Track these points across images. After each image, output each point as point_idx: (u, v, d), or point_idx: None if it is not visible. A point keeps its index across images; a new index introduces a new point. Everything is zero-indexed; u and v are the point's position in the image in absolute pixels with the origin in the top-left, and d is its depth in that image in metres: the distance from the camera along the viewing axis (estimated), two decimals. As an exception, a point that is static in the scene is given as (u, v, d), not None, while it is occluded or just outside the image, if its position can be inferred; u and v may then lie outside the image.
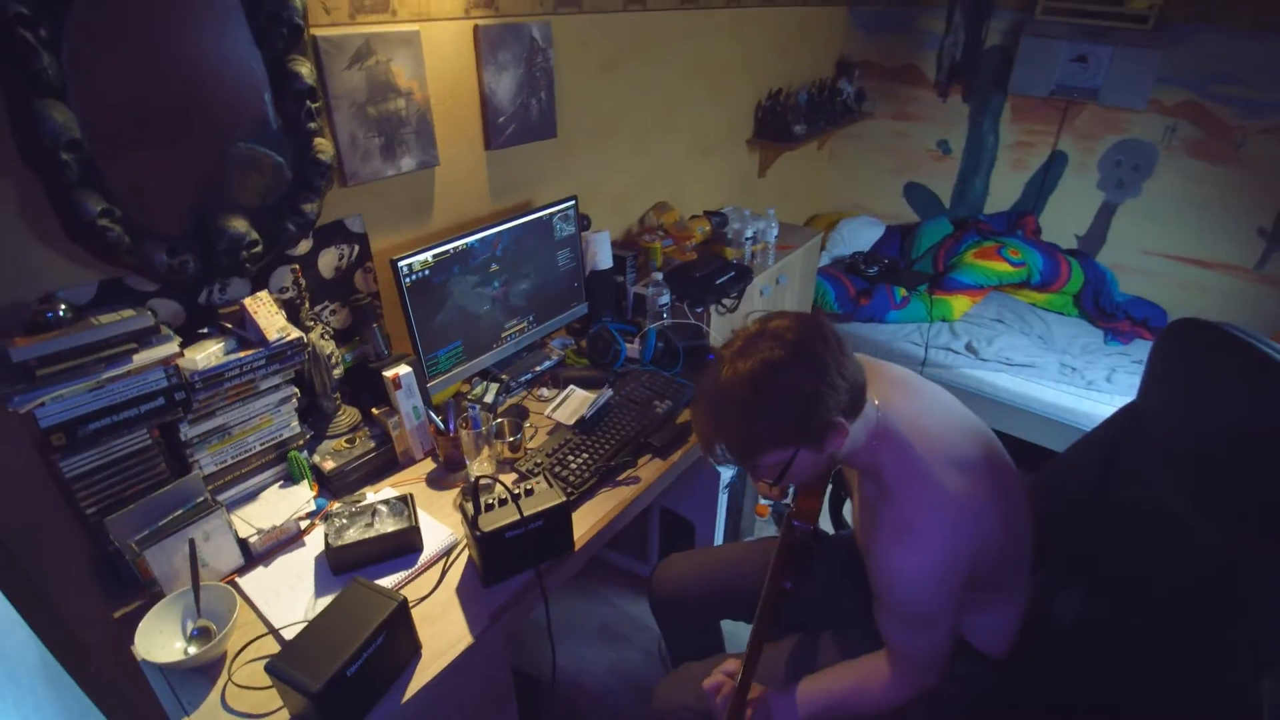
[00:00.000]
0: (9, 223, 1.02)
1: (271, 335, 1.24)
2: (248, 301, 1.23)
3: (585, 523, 1.34)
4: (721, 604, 1.46)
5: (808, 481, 1.23)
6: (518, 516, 1.17)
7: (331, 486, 1.38)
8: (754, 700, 1.13)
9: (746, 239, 2.27)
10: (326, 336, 1.41)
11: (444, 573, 1.22)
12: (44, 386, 0.99)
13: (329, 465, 1.38)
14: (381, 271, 1.57)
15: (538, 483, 1.25)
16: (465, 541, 1.27)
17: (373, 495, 1.38)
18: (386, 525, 1.24)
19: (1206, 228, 2.70)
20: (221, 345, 1.20)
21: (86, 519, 1.09)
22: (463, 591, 1.20)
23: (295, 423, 1.35)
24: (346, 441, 1.44)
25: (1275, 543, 0.95)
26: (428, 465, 1.50)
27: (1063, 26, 2.63)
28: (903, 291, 2.85)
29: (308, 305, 1.38)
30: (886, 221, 3.43)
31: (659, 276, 1.98)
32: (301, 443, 1.37)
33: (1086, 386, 2.46)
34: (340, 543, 1.18)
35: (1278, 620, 0.94)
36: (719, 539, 2.07)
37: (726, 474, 1.94)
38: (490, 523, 1.15)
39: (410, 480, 1.45)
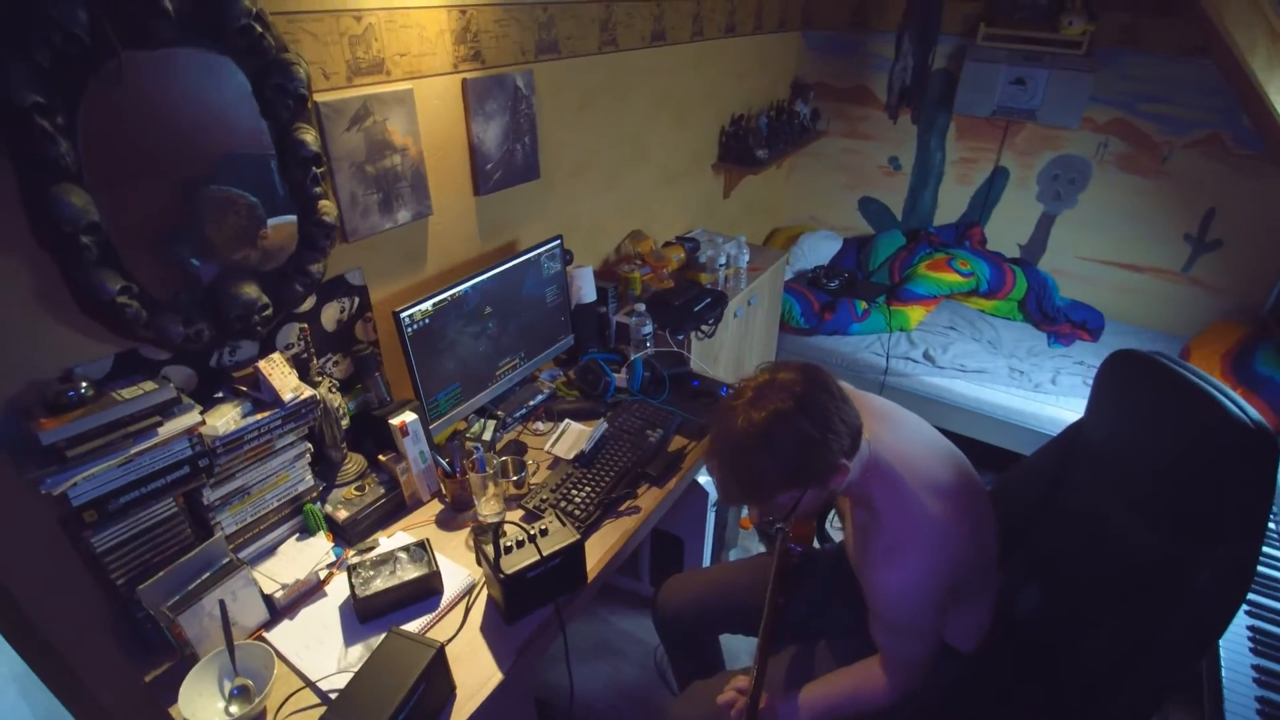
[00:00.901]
0: (25, 304, 1.05)
1: (286, 395, 1.28)
2: (262, 365, 1.27)
3: (594, 554, 1.42)
4: (722, 620, 1.56)
5: (807, 513, 1.34)
6: (538, 557, 1.25)
7: (346, 535, 1.42)
8: (762, 710, 1.23)
9: (720, 265, 2.37)
10: (333, 389, 1.45)
11: (466, 613, 1.29)
12: (76, 466, 1.02)
13: (342, 515, 1.42)
14: (381, 321, 1.61)
15: (550, 521, 1.32)
16: (483, 581, 1.34)
17: (386, 540, 1.43)
18: (408, 572, 1.29)
19: (1137, 235, 2.94)
20: (238, 409, 1.24)
21: (116, 589, 1.11)
22: (487, 629, 1.26)
23: (309, 476, 1.38)
24: (356, 489, 1.49)
25: (1203, 546, 1.09)
26: (435, 506, 1.55)
27: (1002, 52, 2.82)
28: (863, 305, 3.01)
29: (315, 360, 1.42)
30: (843, 234, 3.60)
31: (641, 307, 2.06)
32: (315, 495, 1.41)
33: (1034, 389, 2.66)
34: (368, 593, 1.23)
35: (1206, 614, 1.08)
36: (707, 553, 2.17)
37: (713, 492, 2.04)
38: (512, 565, 1.22)
39: (420, 523, 1.50)
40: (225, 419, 1.21)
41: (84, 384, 1.06)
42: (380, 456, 1.53)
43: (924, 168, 3.35)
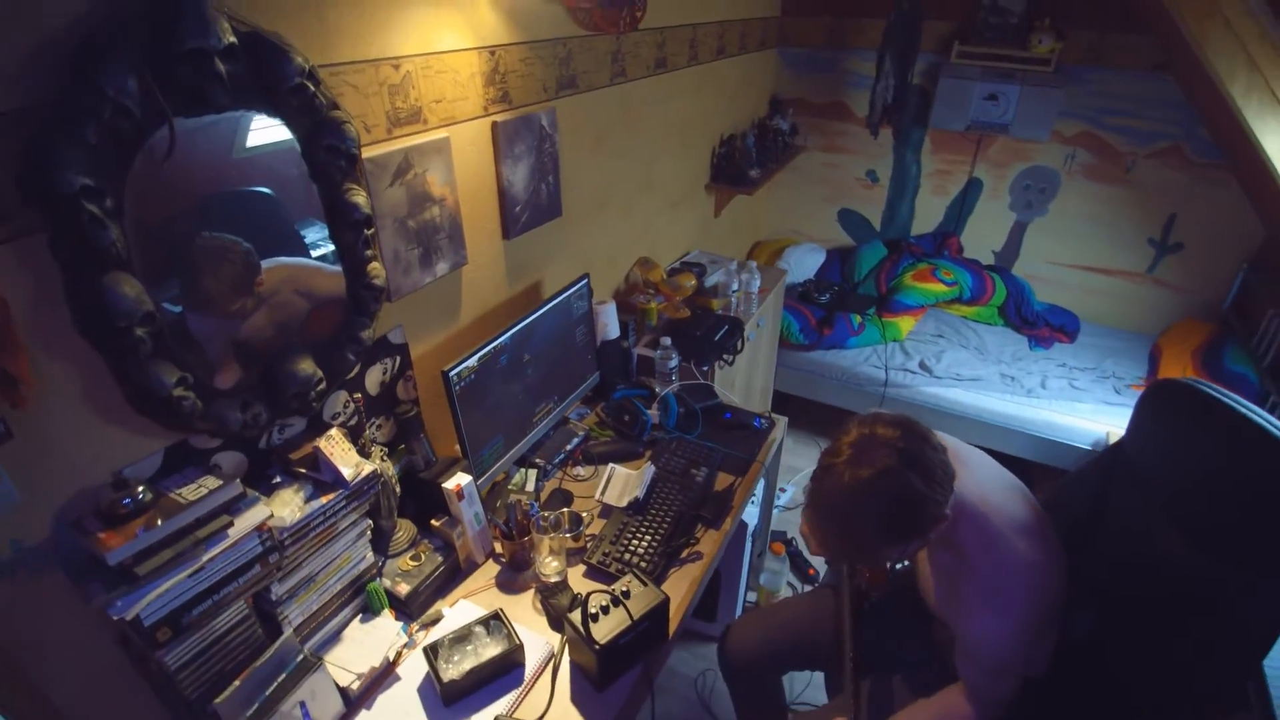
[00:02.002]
0: (71, 407, 0.94)
1: (348, 474, 1.20)
2: (321, 444, 1.18)
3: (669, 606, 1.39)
4: (790, 658, 1.56)
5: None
6: (629, 622, 1.21)
7: (408, 609, 1.35)
8: None
9: (733, 291, 2.37)
10: (385, 457, 1.37)
11: (554, 683, 1.24)
12: (148, 584, 0.92)
13: (404, 589, 1.34)
14: (421, 377, 1.53)
15: (630, 582, 1.29)
16: (562, 645, 1.29)
17: (449, 610, 1.36)
18: (489, 648, 1.23)
19: (1104, 240, 3.11)
20: (300, 494, 1.15)
21: (189, 705, 1.01)
22: (578, 698, 1.22)
23: (369, 554, 1.30)
24: (411, 559, 1.41)
25: (1250, 570, 1.13)
26: (490, 568, 1.49)
27: (976, 69, 2.93)
28: (858, 318, 3.08)
29: (367, 429, 1.34)
30: (824, 246, 3.67)
31: (667, 340, 2.04)
32: (374, 571, 1.33)
33: (1026, 394, 2.77)
34: (454, 676, 1.17)
35: (1256, 634, 1.13)
36: (744, 581, 2.17)
37: (752, 523, 2.04)
38: (605, 633, 1.18)
39: (480, 588, 1.44)
40: (289, 507, 1.12)
41: (140, 488, 0.96)
42: (433, 521, 1.46)
43: (901, 180, 3.45)
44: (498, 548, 1.53)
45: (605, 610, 1.24)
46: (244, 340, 1.10)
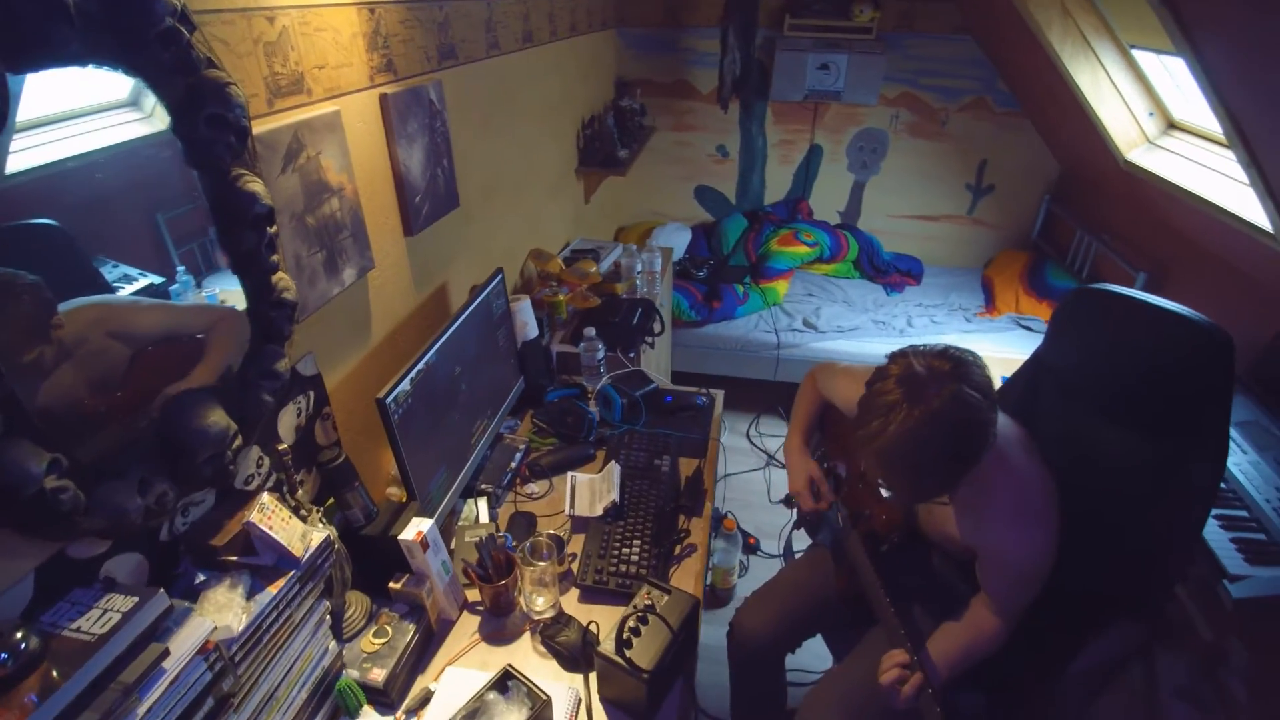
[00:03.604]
0: None
1: (299, 549, 0.92)
2: (255, 517, 0.89)
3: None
4: (801, 630, 1.50)
5: None
6: (670, 635, 1.08)
7: (388, 697, 1.08)
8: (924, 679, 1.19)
9: (638, 272, 2.27)
10: (323, 520, 1.08)
11: (593, 731, 1.06)
12: (58, 769, 0.61)
13: (378, 675, 1.08)
14: (338, 414, 1.24)
15: (648, 593, 1.15)
16: (584, 684, 1.12)
17: (435, 685, 1.12)
18: (514, 714, 1.02)
19: (931, 190, 3.47)
20: (238, 589, 0.86)
21: None
22: (626, 744, 1.06)
23: (332, 643, 1.02)
24: (375, 637, 1.14)
25: (1185, 438, 1.27)
26: (467, 622, 1.26)
27: (807, 40, 3.10)
28: (741, 287, 3.13)
29: (299, 489, 1.05)
30: (688, 224, 3.70)
31: (591, 331, 1.89)
32: (340, 664, 1.05)
33: (899, 335, 3.00)
34: (489, 764, 0.95)
35: (1191, 499, 1.27)
36: (708, 565, 2.08)
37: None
38: (649, 658, 1.04)
39: (466, 648, 1.21)
40: (230, 610, 0.83)
41: (18, 635, 0.64)
42: (391, 585, 1.19)
43: (750, 153, 3.57)
44: (472, 596, 1.30)
45: (637, 632, 1.09)
46: (46, 408, 0.76)
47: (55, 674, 0.62)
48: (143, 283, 0.87)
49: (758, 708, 1.63)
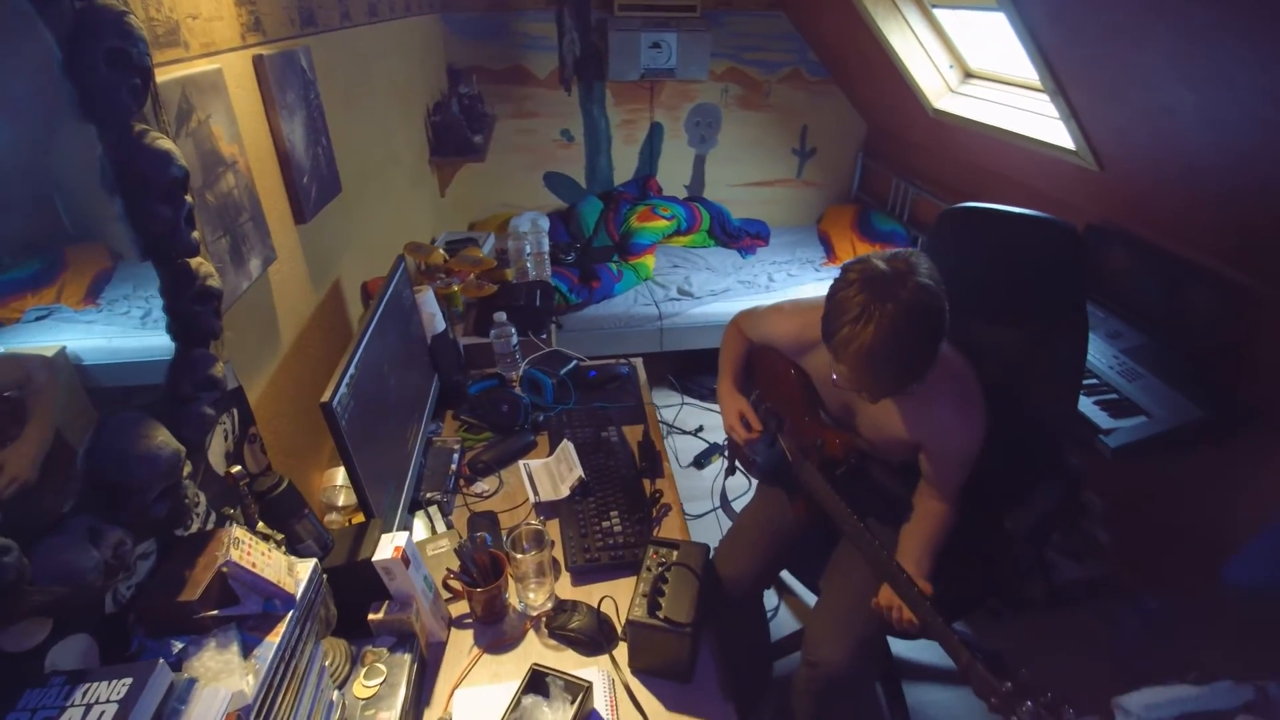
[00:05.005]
0: None
1: (291, 585, 0.76)
2: (236, 557, 0.71)
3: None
4: (774, 566, 1.54)
5: None
6: (698, 584, 1.06)
7: (403, 741, 0.94)
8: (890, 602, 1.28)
9: (527, 255, 2.18)
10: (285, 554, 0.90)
11: (636, 704, 1.01)
12: None
13: (388, 718, 0.93)
14: (265, 434, 1.04)
15: (654, 554, 1.13)
16: (612, 662, 1.07)
17: (449, 715, 1.00)
18: (561, 711, 0.94)
19: (763, 157, 3.73)
20: (231, 650, 0.68)
21: None
22: (675, 703, 1.02)
23: (335, 693, 0.86)
24: (366, 680, 0.98)
25: (1054, 319, 1.51)
26: (459, 638, 1.13)
27: (638, 20, 3.16)
28: (615, 266, 3.13)
29: (258, 520, 0.86)
30: (542, 212, 3.61)
31: (502, 316, 1.77)
32: (341, 712, 0.88)
33: (765, 290, 3.20)
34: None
35: (1060, 369, 1.51)
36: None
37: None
38: (683, 611, 1.01)
39: (466, 666, 1.09)
40: (231, 674, 0.66)
41: None
42: (370, 616, 1.03)
43: (594, 135, 3.58)
44: (455, 610, 1.17)
45: (660, 592, 1.06)
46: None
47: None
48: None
49: (748, 650, 1.65)
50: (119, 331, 0.76)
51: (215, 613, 0.70)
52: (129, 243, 0.71)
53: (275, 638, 0.72)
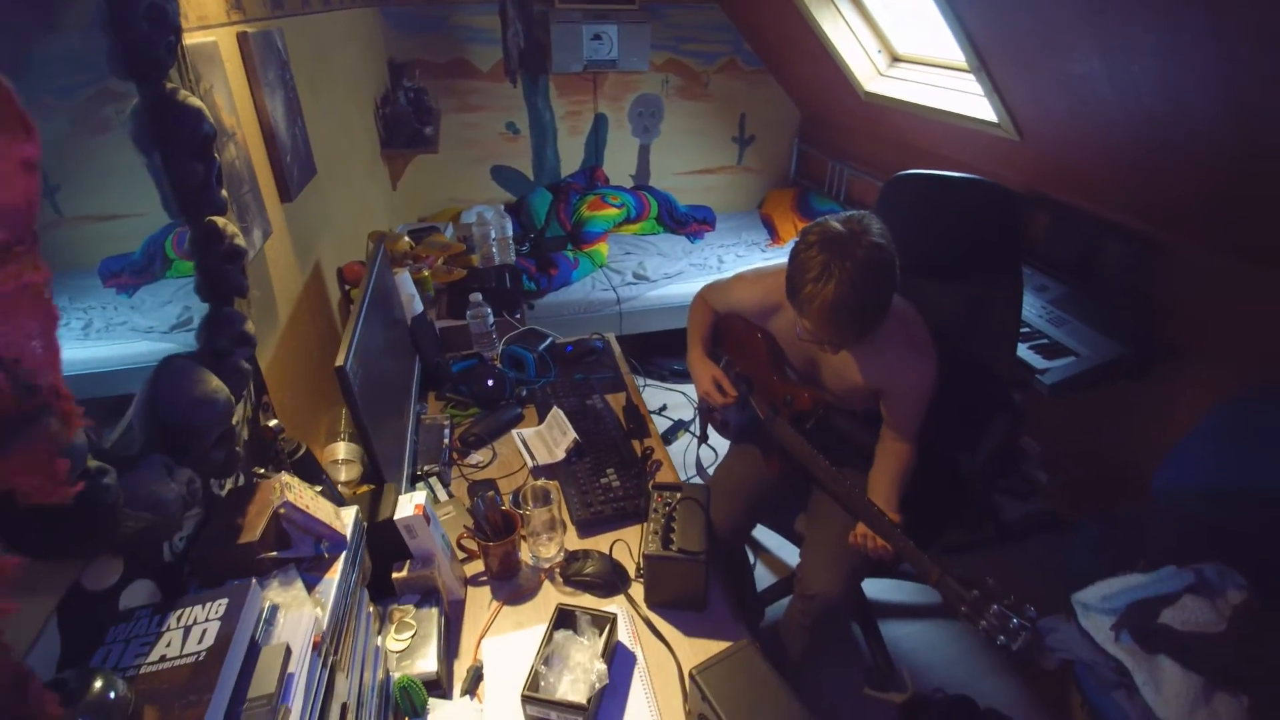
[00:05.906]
0: None
1: (341, 527, 0.79)
2: (291, 498, 0.74)
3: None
4: (753, 517, 1.62)
5: None
6: (705, 517, 1.14)
7: (440, 689, 0.97)
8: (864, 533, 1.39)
9: (492, 239, 2.20)
10: (317, 510, 0.92)
11: (658, 636, 1.08)
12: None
13: (427, 667, 0.96)
14: (279, 401, 1.05)
15: (660, 497, 1.20)
16: (627, 601, 1.13)
17: (478, 662, 1.04)
18: (588, 647, 0.99)
19: (704, 145, 3.84)
20: (295, 586, 0.71)
21: None
22: (697, 629, 1.10)
23: (378, 640, 0.89)
24: (398, 634, 1.01)
25: (997, 272, 1.67)
26: (478, 595, 1.17)
27: (579, 13, 3.21)
28: (572, 254, 3.17)
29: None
30: (491, 206, 3.61)
31: (478, 297, 1.80)
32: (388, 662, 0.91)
33: (718, 271, 3.31)
34: (586, 694, 0.91)
35: (1000, 318, 1.68)
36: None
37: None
38: (695, 542, 1.09)
39: (489, 618, 1.12)
40: (302, 605, 0.69)
41: (98, 685, 0.48)
42: (394, 574, 1.06)
43: (540, 128, 3.60)
44: (469, 570, 1.20)
45: (670, 530, 1.13)
46: None
47: (176, 711, 0.48)
48: None
49: (738, 597, 1.73)
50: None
51: (275, 553, 0.72)
52: (161, 201, 0.73)
53: (334, 574, 0.74)
